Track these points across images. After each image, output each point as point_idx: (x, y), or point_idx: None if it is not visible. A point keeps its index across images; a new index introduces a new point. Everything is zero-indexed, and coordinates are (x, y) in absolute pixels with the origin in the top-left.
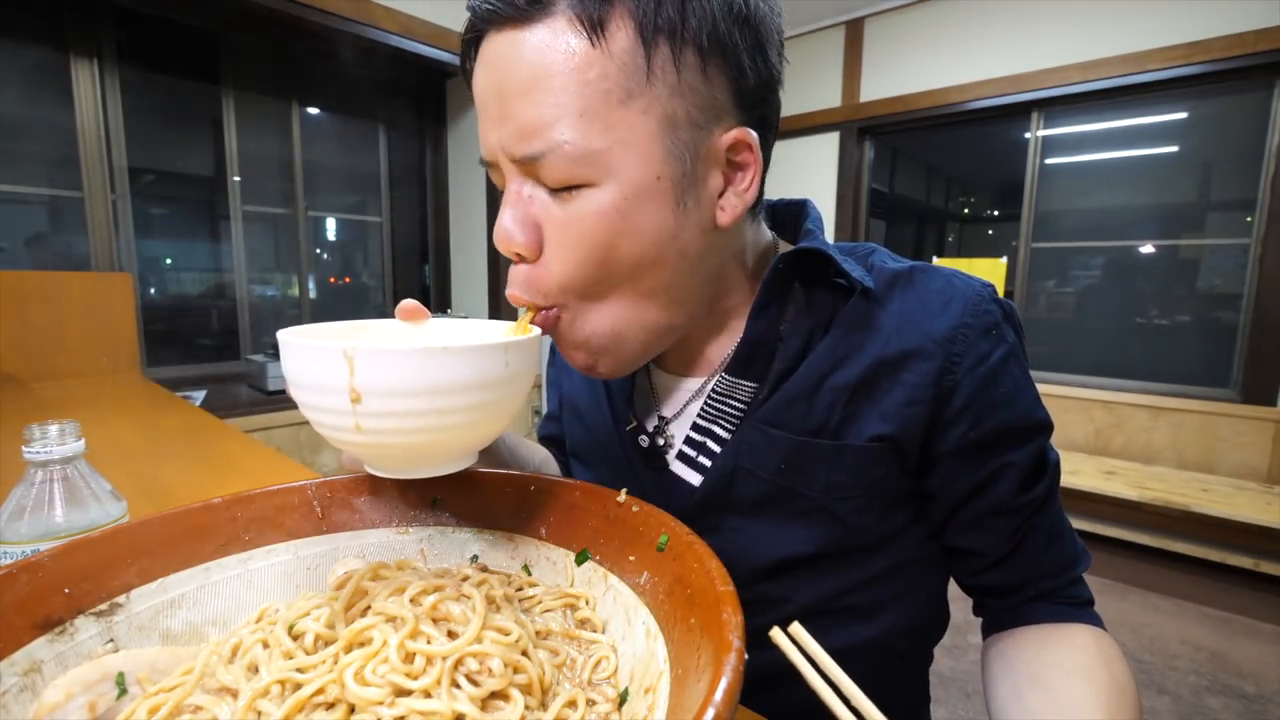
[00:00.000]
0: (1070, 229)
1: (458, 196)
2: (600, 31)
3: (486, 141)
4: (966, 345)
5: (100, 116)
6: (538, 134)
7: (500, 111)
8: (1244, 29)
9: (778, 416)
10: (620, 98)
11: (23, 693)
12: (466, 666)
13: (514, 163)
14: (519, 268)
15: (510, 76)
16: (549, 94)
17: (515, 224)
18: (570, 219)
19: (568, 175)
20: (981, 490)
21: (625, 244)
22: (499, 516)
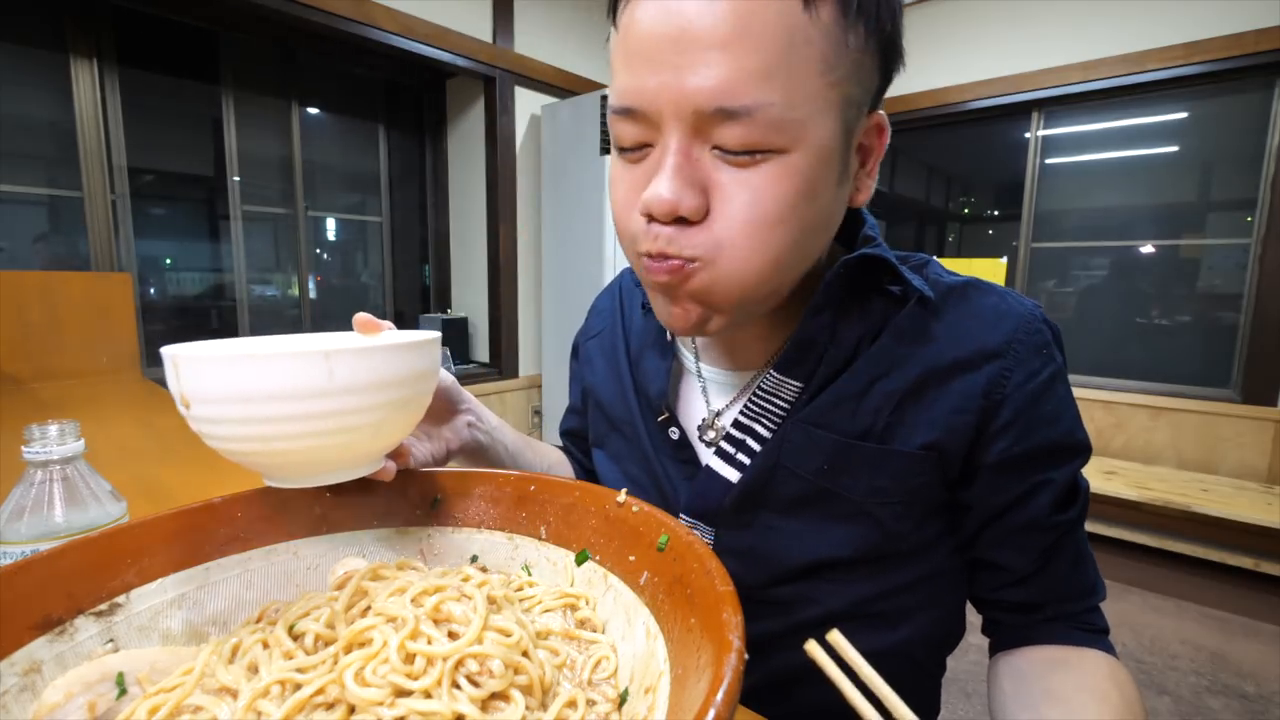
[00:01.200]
0: (1070, 229)
1: (458, 196)
2: (817, 4)
3: (645, 90)
4: (1017, 361)
5: (100, 116)
6: (744, 90)
7: (688, 59)
8: (1243, 29)
9: (823, 417)
10: (820, 69)
11: (23, 693)
12: (467, 667)
13: (690, 116)
14: (662, 228)
15: (707, 22)
16: (759, 51)
17: (685, 186)
18: (752, 183)
19: (761, 138)
20: (1017, 505)
21: (802, 212)
22: (499, 516)
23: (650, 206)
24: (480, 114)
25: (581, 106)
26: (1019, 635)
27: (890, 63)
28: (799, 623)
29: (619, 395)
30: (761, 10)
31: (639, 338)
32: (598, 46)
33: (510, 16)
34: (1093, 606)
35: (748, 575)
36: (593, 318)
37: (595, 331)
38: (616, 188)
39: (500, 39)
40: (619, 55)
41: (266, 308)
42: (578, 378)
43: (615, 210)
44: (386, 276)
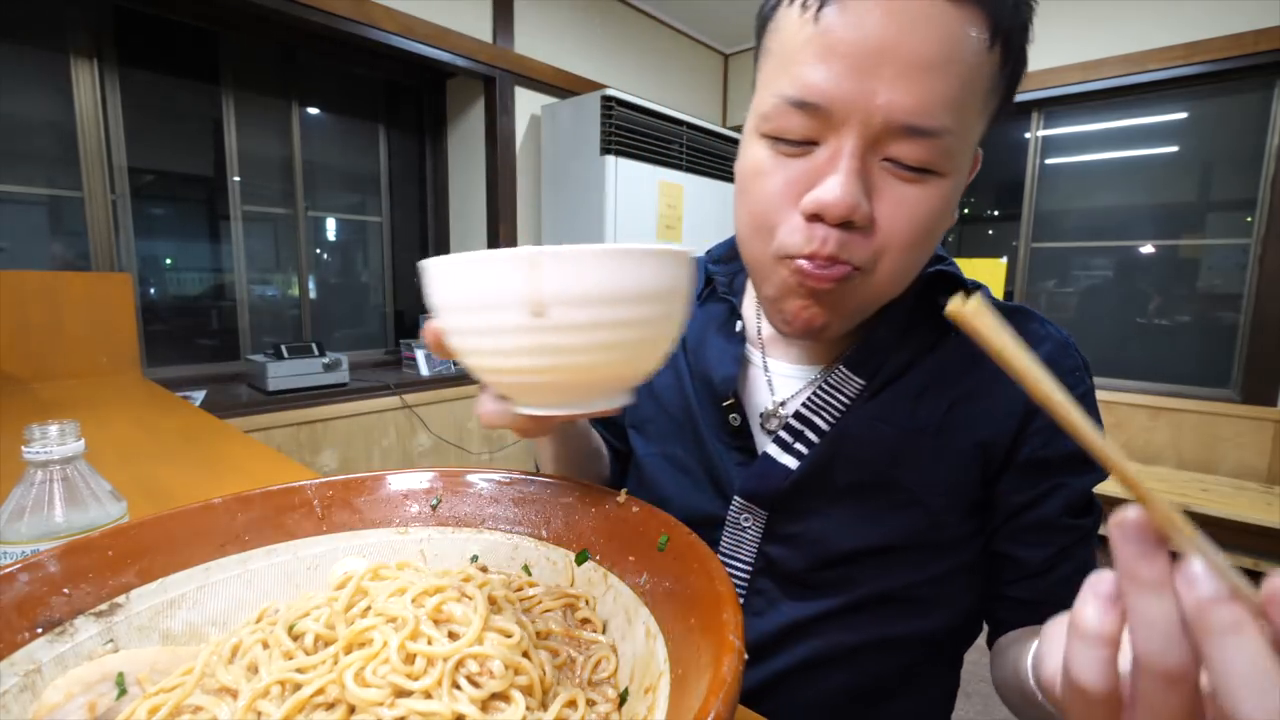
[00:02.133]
0: (1070, 229)
1: (458, 196)
2: (995, 41)
3: (839, 89)
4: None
5: (100, 116)
6: (939, 112)
7: (893, 70)
8: (1243, 29)
9: (883, 412)
10: (981, 106)
11: (23, 693)
12: (467, 668)
13: (879, 126)
14: (831, 231)
15: (923, 41)
16: (956, 79)
17: (860, 191)
18: (915, 198)
19: (933, 159)
20: (1033, 505)
21: (938, 229)
22: (499, 516)
23: (825, 207)
24: (480, 114)
25: (581, 106)
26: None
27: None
28: (837, 606)
29: (672, 380)
30: (962, 42)
31: (697, 326)
32: (598, 46)
33: (510, 16)
34: None
35: (794, 559)
36: None
37: None
38: (766, 178)
39: (500, 39)
40: (811, 49)
41: (266, 308)
42: None
43: (759, 200)
44: (386, 276)
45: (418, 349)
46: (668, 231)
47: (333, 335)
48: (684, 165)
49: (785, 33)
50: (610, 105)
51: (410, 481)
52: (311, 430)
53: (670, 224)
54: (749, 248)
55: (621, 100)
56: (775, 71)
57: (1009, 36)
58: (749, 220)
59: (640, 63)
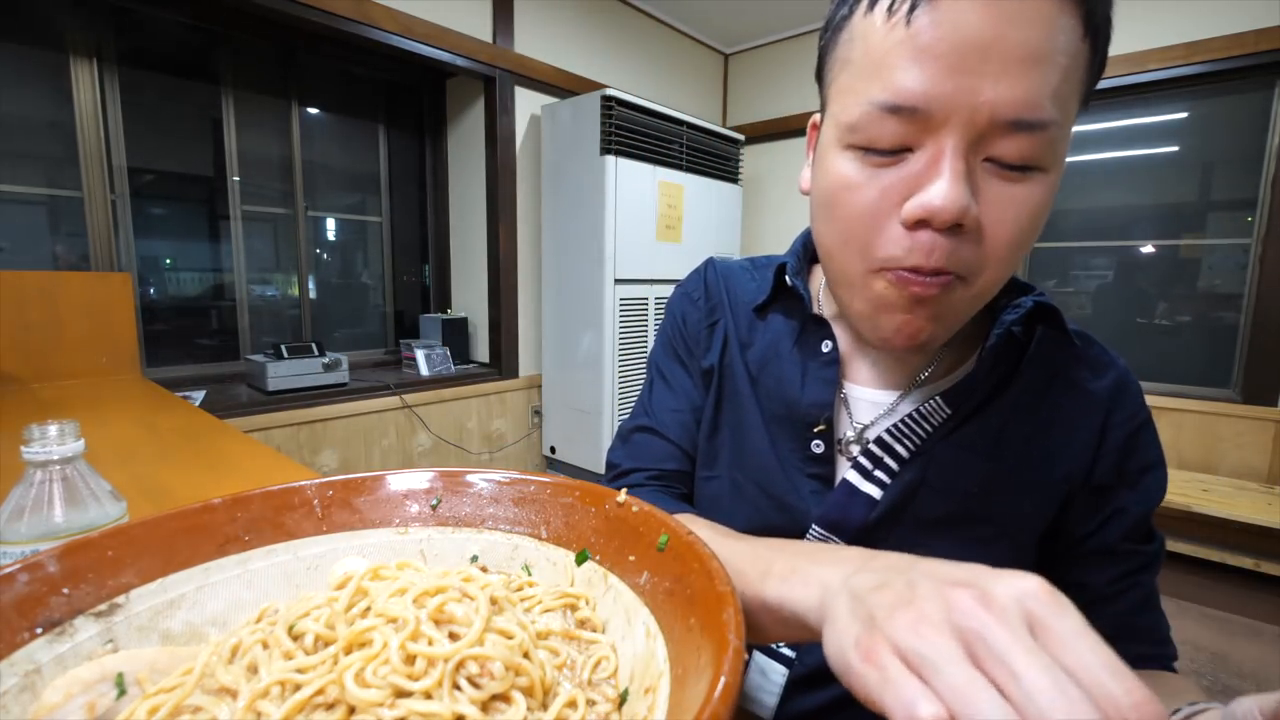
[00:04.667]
0: (1070, 229)
1: (458, 196)
2: (1089, 34)
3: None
4: (1117, 404)
5: (100, 116)
6: (1040, 106)
7: (996, 67)
8: (1244, 29)
9: (970, 442)
10: (1079, 95)
11: (22, 693)
12: (467, 669)
13: (980, 124)
14: (939, 238)
15: (1024, 34)
16: (1054, 72)
17: (968, 192)
18: (1019, 197)
19: (1037, 155)
20: (1096, 531)
21: (1039, 227)
22: (499, 516)
23: (933, 212)
24: (480, 114)
25: (581, 106)
26: None
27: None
28: None
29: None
30: (1060, 34)
31: (763, 340)
32: (598, 46)
33: (510, 16)
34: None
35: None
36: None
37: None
38: (858, 191)
39: (500, 39)
40: (903, 51)
41: (266, 308)
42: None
43: (851, 213)
44: (386, 276)
45: (418, 349)
46: (668, 231)
47: (333, 335)
48: (684, 165)
49: (869, 39)
50: (610, 105)
51: (410, 481)
52: (311, 430)
53: (670, 224)
54: (838, 262)
55: (621, 100)
56: (860, 79)
57: (1099, 27)
58: (840, 234)
59: (640, 63)
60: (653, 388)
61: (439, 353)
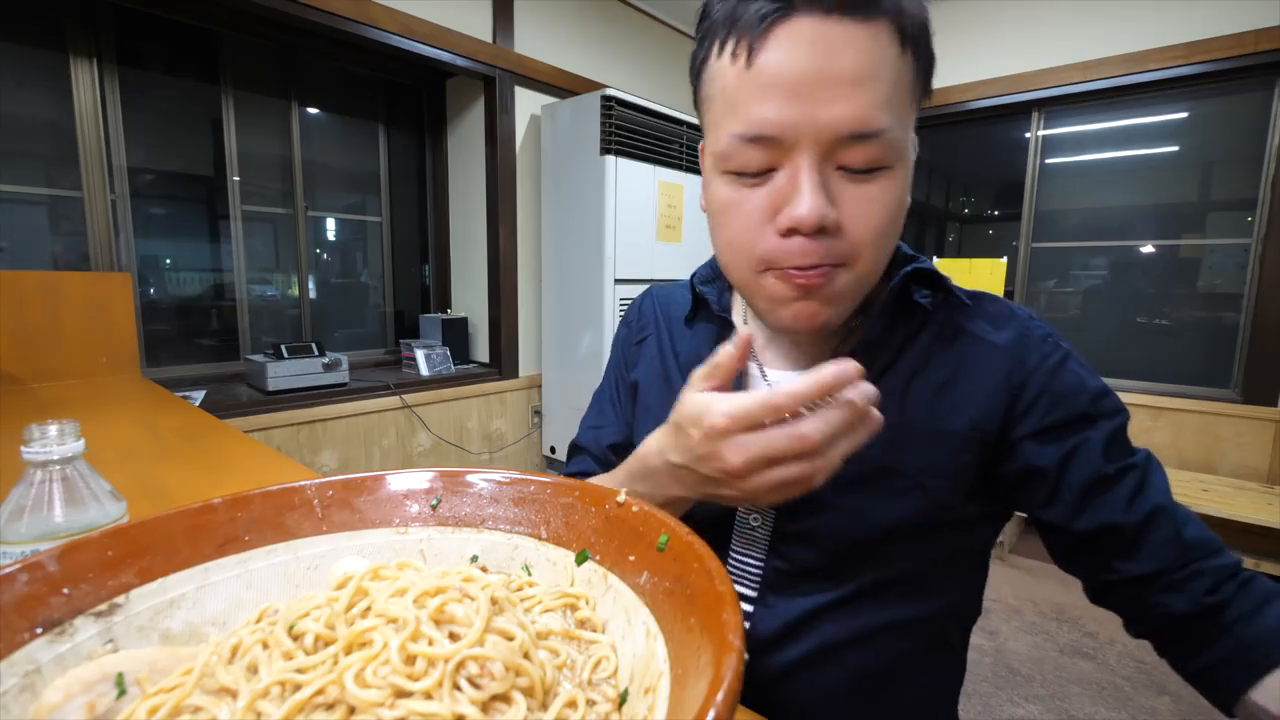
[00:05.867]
0: (1070, 229)
1: (458, 196)
2: (906, 41)
3: (785, 118)
4: (1026, 350)
5: (100, 116)
6: (872, 119)
7: (828, 94)
8: (1244, 29)
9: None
10: (911, 100)
11: (22, 693)
12: (467, 669)
13: (824, 141)
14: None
15: (845, 63)
16: (879, 87)
17: (825, 201)
18: (873, 195)
19: (879, 158)
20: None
21: (900, 215)
22: (499, 516)
23: (799, 221)
24: (480, 114)
25: (581, 106)
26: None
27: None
28: (847, 594)
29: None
30: (878, 54)
31: (689, 346)
32: (598, 46)
33: (510, 16)
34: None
35: (805, 552)
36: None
37: (643, 336)
38: (736, 210)
39: (500, 39)
40: (751, 89)
41: (266, 308)
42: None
43: (734, 229)
44: (386, 276)
45: (418, 349)
46: (668, 231)
47: (333, 335)
48: (684, 165)
49: (724, 79)
50: (610, 105)
51: (410, 481)
52: (311, 430)
53: (670, 224)
54: (733, 270)
55: (621, 100)
56: (723, 115)
57: (916, 39)
58: (729, 246)
59: (640, 63)
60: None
61: (439, 353)
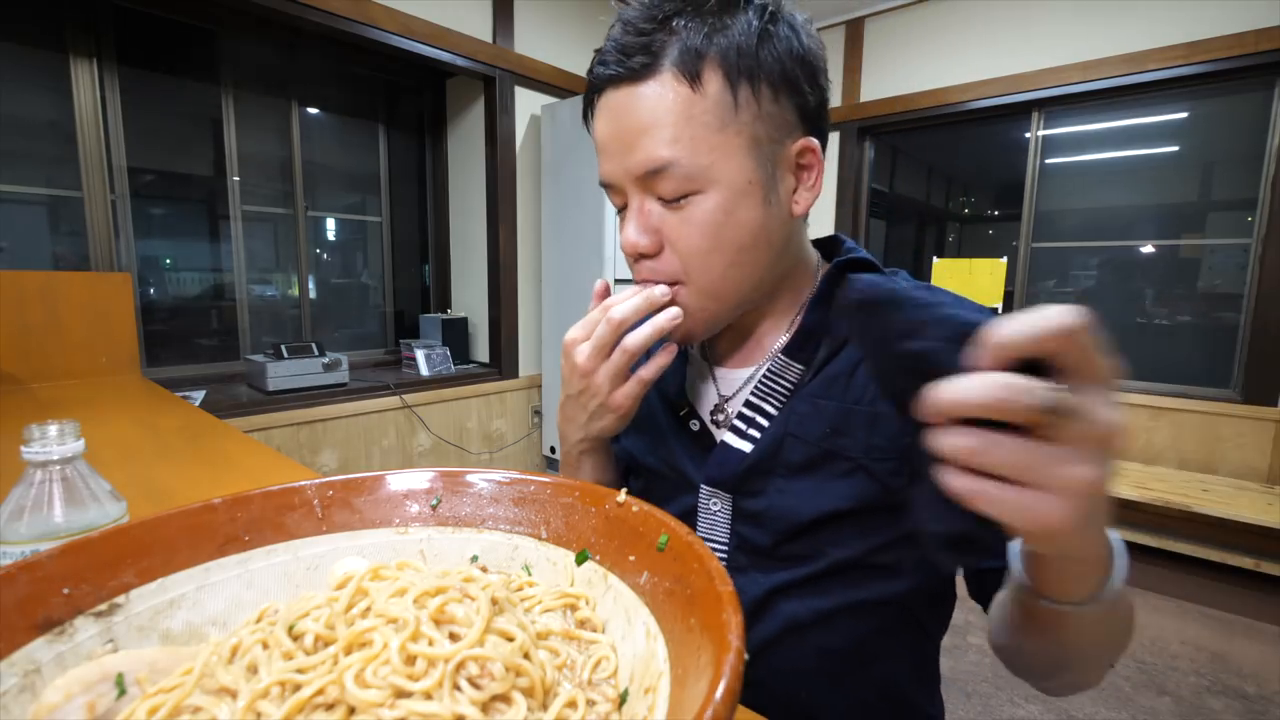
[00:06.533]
0: (1070, 229)
1: (458, 196)
2: (697, 80)
3: (610, 170)
4: None
5: (100, 116)
6: (658, 158)
7: (624, 146)
8: (1244, 29)
9: (824, 391)
10: (716, 127)
11: (22, 693)
12: (467, 670)
13: (636, 181)
14: (644, 262)
15: (632, 120)
16: (665, 129)
17: (639, 232)
18: (686, 220)
19: (680, 187)
20: None
21: (729, 233)
22: (499, 516)
23: (626, 248)
24: (480, 114)
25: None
26: None
27: (802, 97)
28: (807, 574)
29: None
30: (662, 102)
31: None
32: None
33: (510, 16)
34: None
35: (761, 534)
36: None
37: None
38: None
39: (500, 39)
40: (597, 149)
41: (266, 308)
42: None
43: None
44: (386, 276)
45: (418, 349)
46: None
47: (333, 335)
48: None
49: None
50: None
51: (410, 481)
52: (311, 430)
53: None
54: None
55: None
56: None
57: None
58: None
59: None
60: None
61: (439, 353)
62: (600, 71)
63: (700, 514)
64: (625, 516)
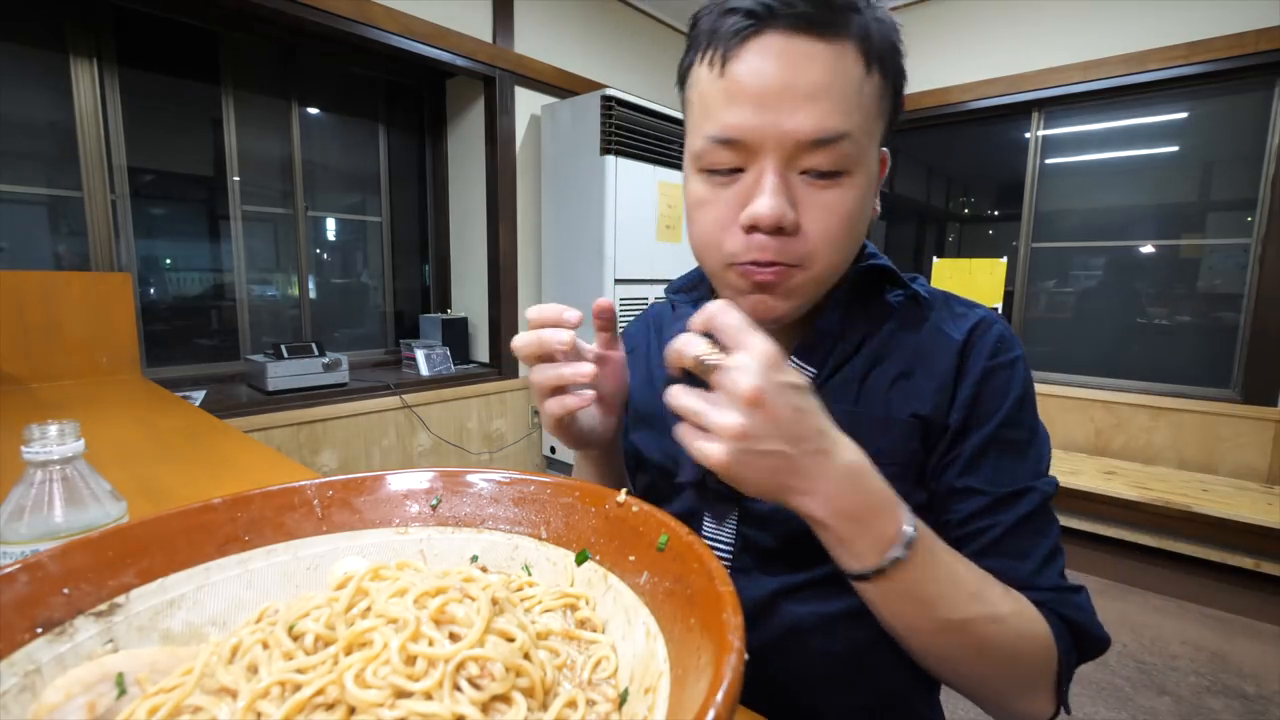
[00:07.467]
0: (1070, 229)
1: (458, 196)
2: (871, 64)
3: (754, 125)
4: (973, 345)
5: (100, 116)
6: (831, 125)
7: (790, 102)
8: (1244, 29)
9: (835, 395)
10: (874, 115)
11: (22, 693)
12: (467, 670)
13: (787, 146)
14: (767, 239)
15: (810, 77)
16: (843, 99)
17: (785, 202)
18: (832, 199)
19: (839, 163)
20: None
21: (859, 222)
22: (499, 516)
23: (758, 219)
24: (480, 114)
25: (581, 106)
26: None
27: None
28: (812, 578)
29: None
30: (839, 71)
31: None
32: (598, 46)
33: (510, 16)
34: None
35: (767, 537)
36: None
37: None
38: (707, 207)
39: (500, 39)
40: (724, 96)
41: (266, 308)
42: None
43: (704, 224)
44: (386, 276)
45: (418, 349)
46: (667, 231)
47: (333, 335)
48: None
49: (701, 86)
50: (610, 105)
51: (410, 481)
52: (311, 430)
53: (670, 224)
54: (704, 262)
55: (621, 100)
56: (700, 118)
57: (882, 59)
58: (700, 239)
59: (640, 63)
60: None
61: (439, 353)
62: (777, 6)
63: (707, 513)
64: (625, 516)
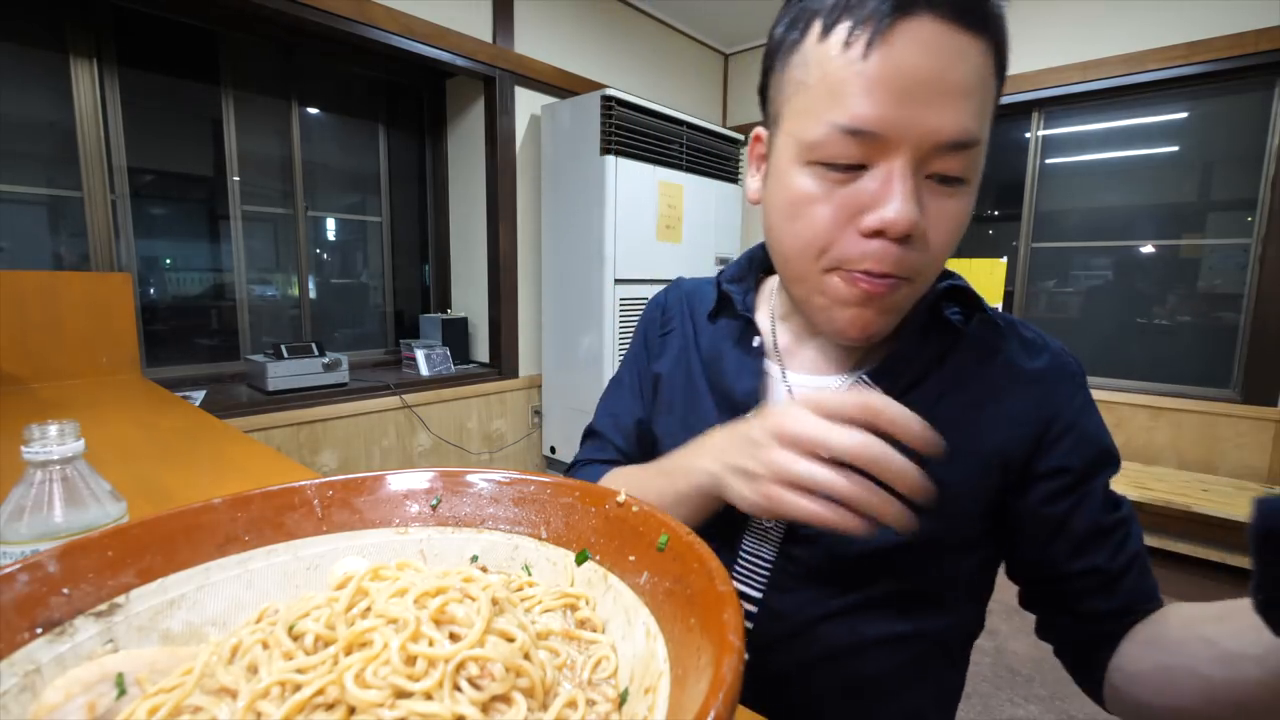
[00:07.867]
0: (1070, 229)
1: (458, 196)
2: (999, 69)
3: (894, 118)
4: (1057, 383)
5: (100, 116)
6: (973, 130)
7: (937, 98)
8: (1244, 29)
9: None
10: (992, 121)
11: (22, 693)
12: (468, 670)
13: (924, 147)
14: (891, 246)
15: (958, 72)
16: (982, 102)
17: (917, 208)
18: (953, 209)
19: (966, 170)
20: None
21: (961, 235)
22: (499, 516)
23: (889, 224)
24: (480, 114)
25: (581, 106)
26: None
27: None
28: (855, 602)
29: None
30: (982, 68)
31: (710, 342)
32: (598, 46)
33: (510, 16)
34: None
35: (816, 557)
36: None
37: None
38: (817, 205)
39: (500, 39)
40: (860, 82)
41: (266, 308)
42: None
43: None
44: (386, 276)
45: (418, 349)
46: (667, 231)
47: (333, 335)
48: (684, 165)
49: (825, 66)
50: (610, 105)
51: (410, 481)
52: (311, 430)
53: (670, 224)
54: (797, 265)
55: (621, 100)
56: (819, 102)
57: (1003, 64)
58: (802, 240)
59: (640, 63)
60: (606, 392)
61: (439, 353)
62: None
63: (750, 528)
64: (625, 516)
